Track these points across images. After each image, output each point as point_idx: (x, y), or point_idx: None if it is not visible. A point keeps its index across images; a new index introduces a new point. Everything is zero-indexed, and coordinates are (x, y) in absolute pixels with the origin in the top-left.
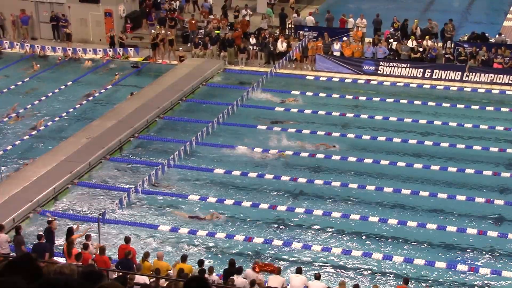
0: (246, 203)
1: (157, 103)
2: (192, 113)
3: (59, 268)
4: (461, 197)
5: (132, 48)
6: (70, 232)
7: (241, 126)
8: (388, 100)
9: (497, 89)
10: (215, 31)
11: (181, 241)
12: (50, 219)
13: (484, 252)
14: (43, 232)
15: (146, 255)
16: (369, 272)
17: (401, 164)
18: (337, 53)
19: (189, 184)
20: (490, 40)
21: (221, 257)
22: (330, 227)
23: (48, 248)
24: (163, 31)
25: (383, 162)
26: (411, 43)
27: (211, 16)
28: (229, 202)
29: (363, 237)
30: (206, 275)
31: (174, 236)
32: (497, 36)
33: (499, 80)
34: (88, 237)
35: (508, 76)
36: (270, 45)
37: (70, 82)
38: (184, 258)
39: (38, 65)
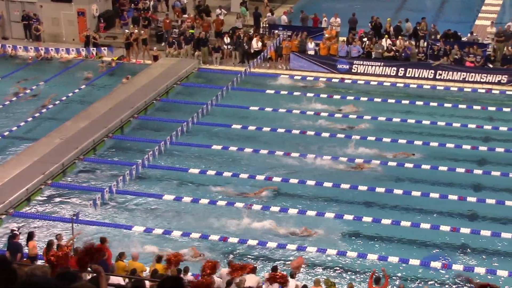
0: (222, 202)
1: (131, 103)
2: (166, 112)
3: (31, 269)
4: (434, 195)
5: (106, 48)
6: (30, 236)
7: (216, 125)
8: (362, 98)
9: (469, 87)
10: (189, 31)
11: (156, 242)
12: (15, 231)
13: (457, 248)
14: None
15: (120, 256)
16: (345, 270)
17: (375, 162)
18: (311, 52)
19: (163, 183)
20: (463, 39)
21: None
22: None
23: (21, 248)
24: (137, 31)
25: (357, 160)
26: (385, 42)
27: (185, 16)
28: (204, 201)
29: (339, 235)
30: (181, 275)
31: (149, 236)
32: (469, 35)
33: (471, 78)
34: (59, 237)
35: (480, 74)
36: (244, 44)
37: (42, 82)
38: (158, 259)
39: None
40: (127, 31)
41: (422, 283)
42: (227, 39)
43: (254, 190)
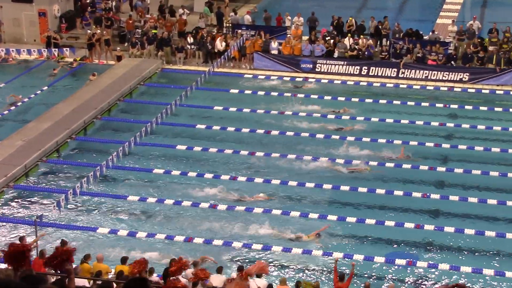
0: (187, 203)
1: (95, 103)
2: (130, 113)
3: None
4: (398, 192)
5: (68, 49)
6: None
7: (180, 126)
8: (326, 97)
9: (431, 85)
10: (152, 31)
11: (120, 243)
12: None
13: (421, 245)
14: None
15: (86, 257)
16: (309, 269)
17: (340, 161)
18: (275, 52)
19: (128, 184)
20: (424, 38)
21: (161, 258)
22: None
23: None
24: (99, 31)
25: (322, 159)
26: (347, 41)
27: (148, 16)
28: (169, 201)
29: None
30: (146, 276)
31: (113, 237)
32: (430, 33)
33: (433, 76)
34: (22, 239)
35: (442, 72)
36: (208, 44)
37: (3, 84)
38: (124, 260)
39: None
40: (89, 31)
41: (388, 280)
42: (190, 39)
43: (225, 190)
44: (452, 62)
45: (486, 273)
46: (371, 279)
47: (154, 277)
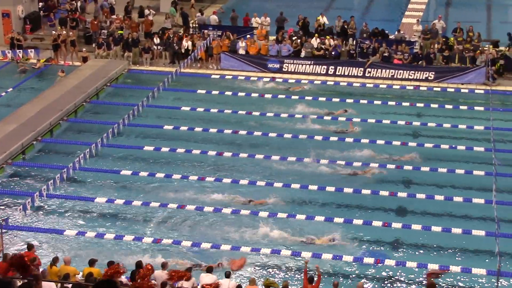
0: (155, 204)
1: (61, 105)
2: (96, 114)
3: None
4: (366, 191)
5: (33, 50)
6: None
7: (147, 126)
8: (293, 97)
9: (398, 84)
10: (118, 31)
11: (89, 246)
12: None
13: (389, 244)
14: None
15: (54, 261)
16: (279, 268)
17: (307, 160)
18: (242, 52)
19: (95, 186)
20: (390, 37)
21: (129, 260)
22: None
23: None
24: (64, 32)
25: (290, 158)
26: (314, 41)
27: (114, 16)
28: (137, 203)
29: (268, 236)
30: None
31: (81, 240)
32: (396, 33)
33: (399, 75)
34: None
35: (408, 71)
36: (174, 44)
37: None
38: (92, 262)
39: None
40: (54, 32)
41: (356, 279)
42: (156, 40)
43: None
44: (422, 62)
45: (453, 270)
46: (340, 278)
47: (123, 278)
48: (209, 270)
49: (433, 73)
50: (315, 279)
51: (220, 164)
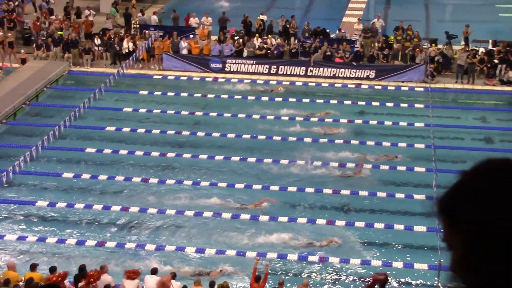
0: (98, 206)
1: None
2: (37, 117)
3: None
4: (310, 190)
5: None
6: None
7: (89, 128)
8: (236, 97)
9: (339, 83)
10: (58, 32)
11: (30, 250)
12: None
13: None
14: None
15: None
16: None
17: (251, 160)
18: (184, 52)
19: (36, 190)
20: (331, 36)
21: (72, 262)
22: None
23: None
24: (1, 33)
25: (233, 158)
26: (256, 40)
27: (53, 17)
28: (79, 206)
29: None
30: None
31: (23, 244)
32: (337, 31)
33: (341, 74)
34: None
35: (349, 70)
36: (115, 45)
37: None
38: (33, 267)
39: None
40: None
41: (301, 277)
42: (97, 41)
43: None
44: (365, 61)
45: (395, 266)
46: (286, 277)
47: (66, 283)
48: (154, 271)
49: (374, 71)
50: (262, 277)
51: (164, 164)
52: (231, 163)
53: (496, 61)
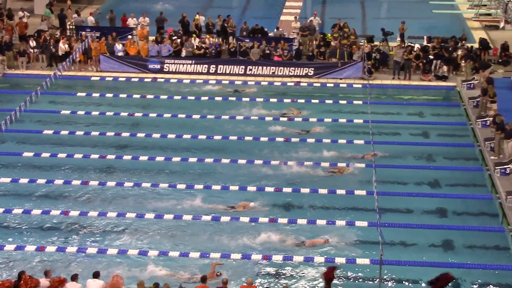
0: (36, 211)
1: None
2: None
3: None
4: (251, 188)
5: None
6: None
7: (26, 132)
8: (175, 97)
9: (279, 81)
10: None
11: None
12: None
13: (276, 240)
14: None
15: None
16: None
17: (192, 160)
18: (120, 53)
19: None
20: (269, 34)
21: (11, 267)
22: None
23: None
24: None
25: (174, 159)
26: (194, 40)
27: None
28: (17, 211)
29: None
30: None
31: None
32: (275, 30)
33: (280, 72)
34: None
35: (288, 68)
36: (51, 47)
37: None
38: None
39: None
40: None
41: (246, 275)
42: (32, 43)
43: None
44: (304, 59)
45: (316, 261)
46: (229, 276)
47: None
48: (96, 275)
49: (313, 69)
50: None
51: (104, 167)
52: (172, 164)
53: (431, 57)
